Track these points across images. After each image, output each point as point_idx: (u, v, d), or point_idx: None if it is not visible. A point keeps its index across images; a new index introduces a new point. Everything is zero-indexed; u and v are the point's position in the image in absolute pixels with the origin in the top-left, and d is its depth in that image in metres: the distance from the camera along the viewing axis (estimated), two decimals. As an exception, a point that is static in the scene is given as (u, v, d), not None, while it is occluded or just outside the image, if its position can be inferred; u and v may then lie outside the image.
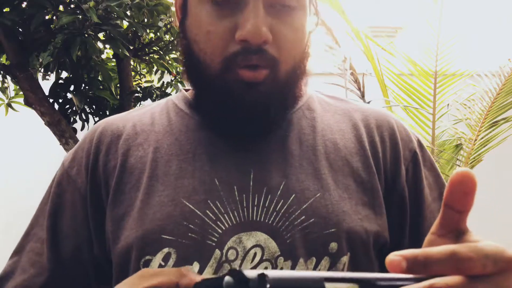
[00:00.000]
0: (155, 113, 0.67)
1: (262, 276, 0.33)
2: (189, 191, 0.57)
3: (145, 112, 0.68)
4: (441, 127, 2.29)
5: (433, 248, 0.33)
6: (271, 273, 0.33)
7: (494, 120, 2.22)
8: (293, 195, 0.57)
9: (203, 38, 0.57)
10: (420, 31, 2.26)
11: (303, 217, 0.56)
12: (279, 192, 0.57)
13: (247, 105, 0.57)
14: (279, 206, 0.57)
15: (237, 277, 0.34)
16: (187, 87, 0.70)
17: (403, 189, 0.63)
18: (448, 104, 2.29)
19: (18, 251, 0.65)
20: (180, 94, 0.69)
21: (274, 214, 0.56)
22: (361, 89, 2.25)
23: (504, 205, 2.82)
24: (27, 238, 0.65)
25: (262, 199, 0.57)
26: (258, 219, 0.56)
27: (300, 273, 0.34)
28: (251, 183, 0.58)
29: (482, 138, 2.24)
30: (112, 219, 0.60)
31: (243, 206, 0.56)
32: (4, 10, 1.50)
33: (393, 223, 0.62)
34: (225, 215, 0.56)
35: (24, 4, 1.53)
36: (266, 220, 0.56)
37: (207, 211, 0.56)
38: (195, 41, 0.58)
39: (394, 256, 0.32)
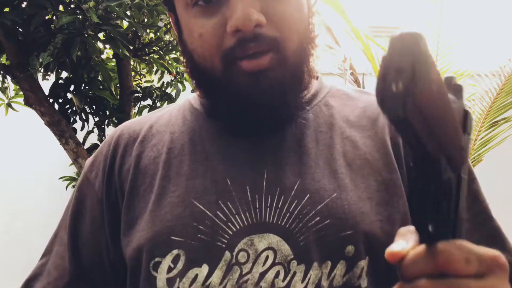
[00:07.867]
0: (173, 113, 0.66)
1: None
2: (200, 191, 0.55)
3: (164, 113, 0.67)
4: (441, 127, 2.29)
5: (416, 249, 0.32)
6: None
7: (494, 120, 2.22)
8: (308, 195, 0.54)
9: (198, 43, 0.55)
10: (420, 31, 2.25)
11: (318, 218, 0.53)
12: (293, 192, 0.54)
13: (260, 95, 0.54)
14: (292, 207, 0.53)
15: None
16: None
17: None
18: (448, 104, 2.29)
19: (46, 253, 0.65)
20: (196, 94, 0.67)
21: (288, 215, 0.53)
22: (361, 89, 2.25)
23: (504, 205, 2.82)
24: (55, 241, 0.65)
25: (275, 200, 0.54)
26: (270, 220, 0.53)
27: None
28: (264, 183, 0.55)
29: (482, 138, 2.24)
30: (126, 223, 0.58)
31: (255, 207, 0.54)
32: (4, 10, 1.50)
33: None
34: (236, 216, 0.53)
35: (24, 4, 1.52)
36: (279, 222, 0.53)
37: (218, 212, 0.54)
38: (193, 50, 0.56)
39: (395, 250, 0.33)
